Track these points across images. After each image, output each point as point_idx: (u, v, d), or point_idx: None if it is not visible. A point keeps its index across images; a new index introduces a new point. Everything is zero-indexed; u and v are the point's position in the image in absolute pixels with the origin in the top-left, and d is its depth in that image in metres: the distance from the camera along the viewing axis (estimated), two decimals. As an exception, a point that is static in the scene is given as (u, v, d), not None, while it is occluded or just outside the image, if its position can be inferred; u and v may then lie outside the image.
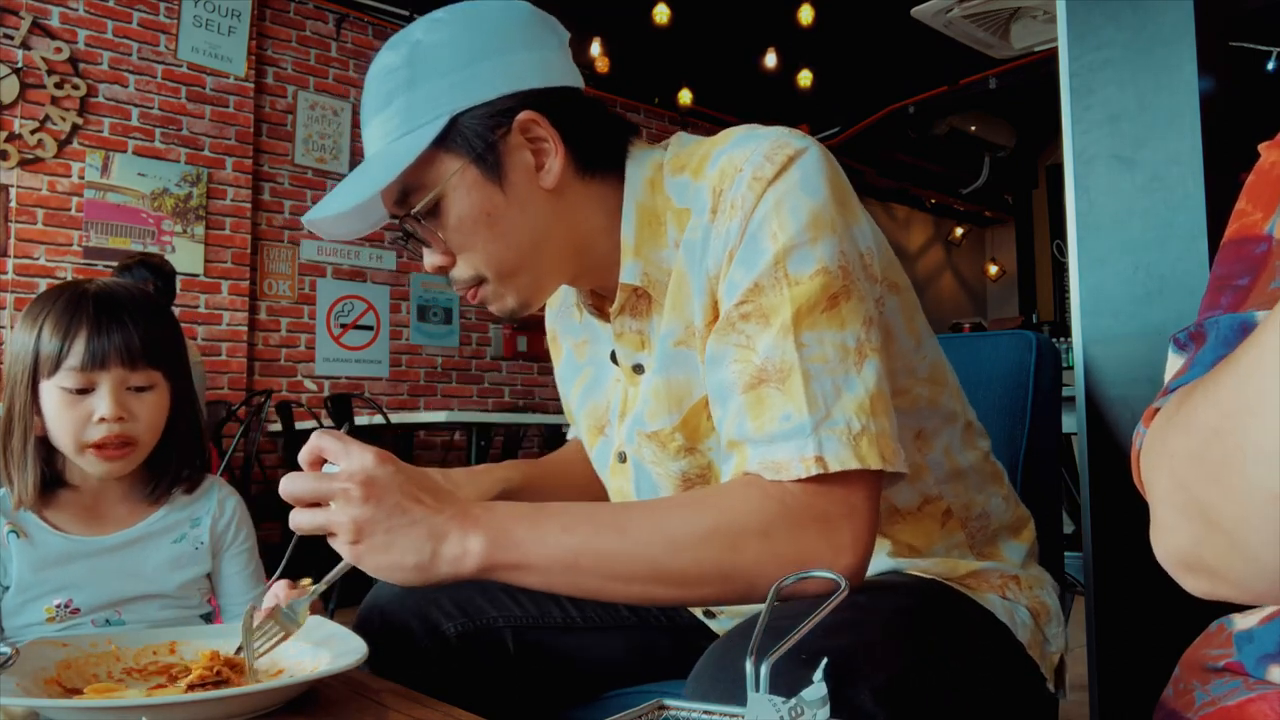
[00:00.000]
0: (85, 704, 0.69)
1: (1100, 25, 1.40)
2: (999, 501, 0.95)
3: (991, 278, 9.70)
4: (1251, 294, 0.55)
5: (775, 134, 0.82)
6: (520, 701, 1.01)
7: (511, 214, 0.85)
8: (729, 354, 0.78)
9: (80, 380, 1.05)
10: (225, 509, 1.19)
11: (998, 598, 0.88)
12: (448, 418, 4.19)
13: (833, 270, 0.76)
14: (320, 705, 0.75)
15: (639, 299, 0.89)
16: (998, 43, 3.37)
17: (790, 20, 5.17)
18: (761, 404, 0.75)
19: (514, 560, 0.73)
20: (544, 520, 0.74)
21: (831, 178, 0.80)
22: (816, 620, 0.56)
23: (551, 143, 0.85)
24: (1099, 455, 1.35)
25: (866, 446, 0.73)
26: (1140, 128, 1.35)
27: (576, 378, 1.06)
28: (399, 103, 0.83)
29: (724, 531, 0.73)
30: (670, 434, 0.87)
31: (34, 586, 1.06)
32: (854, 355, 0.75)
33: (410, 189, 0.85)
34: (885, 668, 0.67)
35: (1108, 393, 1.35)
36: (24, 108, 4.36)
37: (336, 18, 5.41)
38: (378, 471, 0.72)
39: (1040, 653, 0.88)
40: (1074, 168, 1.42)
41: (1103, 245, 1.39)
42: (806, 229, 0.76)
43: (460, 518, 0.73)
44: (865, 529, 0.75)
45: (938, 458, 0.90)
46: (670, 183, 0.88)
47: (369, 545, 0.72)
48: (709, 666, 0.67)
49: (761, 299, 0.76)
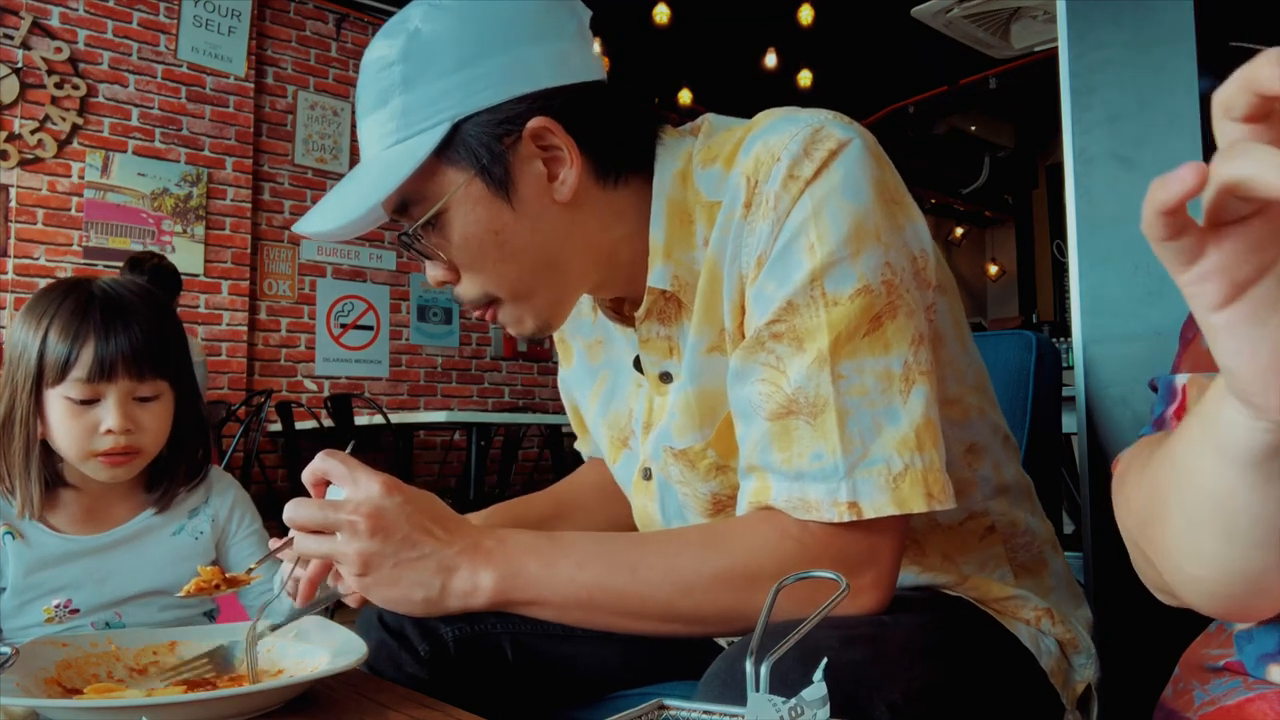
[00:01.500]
0: (85, 704, 0.69)
1: (1100, 25, 1.40)
2: (1032, 517, 0.90)
3: (991, 278, 9.70)
4: (1188, 350, 0.61)
5: (817, 120, 0.73)
6: (519, 705, 1.01)
7: (522, 231, 0.77)
8: (756, 372, 0.72)
9: (87, 392, 1.03)
10: (225, 499, 1.18)
11: (1026, 627, 0.85)
12: (448, 418, 4.19)
13: (875, 288, 0.69)
14: (320, 705, 0.75)
15: (667, 302, 0.82)
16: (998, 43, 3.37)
17: (790, 20, 5.17)
18: (789, 436, 0.70)
19: (527, 598, 0.72)
20: (557, 556, 0.72)
21: (878, 175, 0.72)
22: (816, 620, 0.56)
23: (567, 151, 0.76)
24: (1099, 455, 1.35)
25: (909, 487, 0.68)
26: (1140, 128, 1.35)
27: (593, 383, 0.98)
28: (395, 104, 0.75)
29: (739, 573, 0.70)
30: (701, 451, 0.81)
31: (31, 588, 1.05)
32: (899, 383, 0.69)
33: (410, 200, 0.77)
34: (902, 683, 0.66)
35: (1108, 393, 1.35)
36: (24, 108, 4.36)
37: (336, 18, 5.41)
38: (385, 503, 0.70)
39: (1063, 681, 0.85)
40: (1074, 168, 1.42)
41: (1103, 245, 1.39)
42: (848, 241, 0.69)
43: (471, 551, 0.71)
44: (888, 571, 0.72)
45: (986, 473, 0.85)
46: (700, 175, 0.79)
47: (376, 579, 0.70)
48: (721, 671, 0.66)
49: (795, 319, 0.70)
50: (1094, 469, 1.35)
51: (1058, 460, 1.21)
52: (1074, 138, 1.42)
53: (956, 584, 0.85)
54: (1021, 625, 0.85)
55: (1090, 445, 1.36)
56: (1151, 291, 1.33)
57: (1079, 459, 1.40)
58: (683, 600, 0.71)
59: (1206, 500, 0.47)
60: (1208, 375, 0.59)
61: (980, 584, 0.85)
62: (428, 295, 5.73)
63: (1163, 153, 1.33)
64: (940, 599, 0.84)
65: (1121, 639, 1.31)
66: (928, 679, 0.69)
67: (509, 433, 5.40)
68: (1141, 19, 1.35)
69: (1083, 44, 1.41)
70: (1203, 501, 0.47)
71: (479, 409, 5.86)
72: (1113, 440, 1.34)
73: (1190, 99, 1.30)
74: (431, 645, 0.97)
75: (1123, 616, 1.31)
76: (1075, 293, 1.41)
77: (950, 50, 4.08)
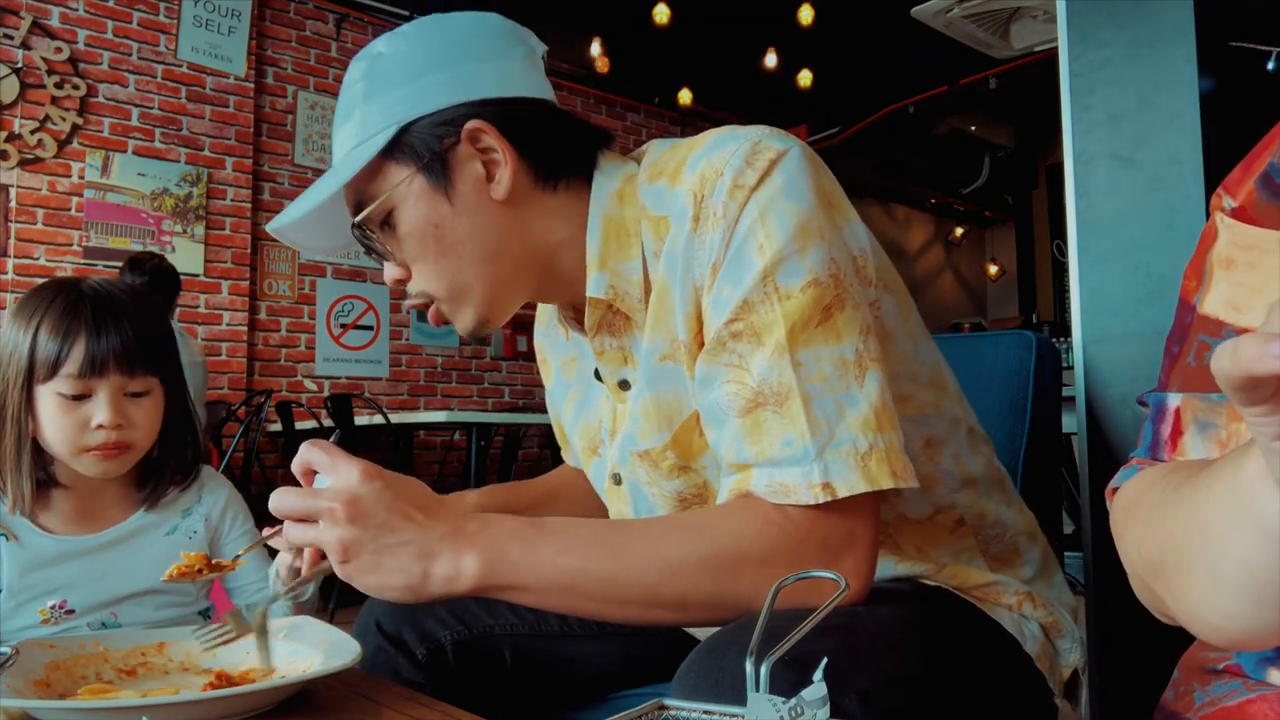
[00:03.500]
0: (83, 705, 0.69)
1: (1100, 25, 1.40)
2: (1006, 509, 0.93)
3: (991, 278, 9.70)
4: (1176, 366, 0.61)
5: (755, 135, 0.78)
6: (519, 707, 1.01)
7: (460, 225, 0.83)
8: (721, 374, 0.75)
9: (78, 387, 1.04)
10: (218, 498, 1.19)
11: (1008, 612, 0.86)
12: (448, 418, 4.19)
13: (824, 280, 0.73)
14: (318, 705, 0.75)
15: (614, 315, 0.86)
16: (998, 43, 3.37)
17: (790, 20, 5.17)
18: (759, 428, 0.73)
19: (509, 582, 0.72)
20: (540, 541, 0.72)
21: (816, 180, 0.77)
22: (817, 620, 0.55)
23: (502, 152, 0.82)
24: (1099, 455, 1.34)
25: (876, 465, 0.71)
26: (1140, 128, 1.35)
27: (566, 396, 1.04)
28: (356, 115, 0.83)
29: (724, 558, 0.71)
30: (662, 452, 0.85)
31: (26, 589, 1.06)
32: (854, 369, 0.73)
33: (363, 199, 0.84)
34: (872, 671, 0.66)
35: (1108, 393, 1.35)
36: (24, 108, 4.36)
37: (336, 18, 5.41)
38: (363, 490, 0.71)
39: (1050, 665, 0.87)
40: (1074, 168, 1.42)
41: (1103, 245, 1.38)
42: (794, 238, 0.73)
43: (453, 535, 0.71)
44: (867, 554, 0.73)
45: (948, 466, 0.88)
46: (645, 190, 0.84)
47: (357, 565, 0.70)
48: (694, 665, 0.67)
49: (752, 316, 0.74)
50: (1094, 469, 1.35)
51: (1058, 460, 1.21)
52: (1074, 138, 1.41)
53: (934, 573, 0.87)
54: (1003, 611, 0.87)
55: (1090, 445, 1.35)
56: (1151, 291, 1.32)
57: (1079, 459, 1.40)
58: (666, 585, 0.72)
59: (1241, 570, 0.46)
60: (1202, 398, 0.58)
61: (958, 572, 0.87)
62: (428, 295, 5.72)
63: (1163, 153, 1.33)
64: (920, 590, 0.86)
65: (1121, 639, 1.31)
66: (902, 668, 0.70)
67: (509, 433, 5.40)
68: (1141, 19, 1.35)
69: (1083, 44, 1.41)
70: (1237, 571, 0.46)
71: (479, 409, 5.86)
72: (1113, 440, 1.34)
73: (1190, 99, 1.30)
74: (429, 650, 0.97)
75: (1123, 617, 1.31)
76: (1075, 293, 1.41)
77: (950, 50, 4.08)
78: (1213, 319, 0.58)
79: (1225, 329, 0.57)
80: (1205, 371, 0.57)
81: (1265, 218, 0.56)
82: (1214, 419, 0.57)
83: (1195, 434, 0.58)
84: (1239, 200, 0.58)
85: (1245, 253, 0.56)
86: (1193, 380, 0.59)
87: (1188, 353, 0.60)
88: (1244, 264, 0.56)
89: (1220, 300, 0.57)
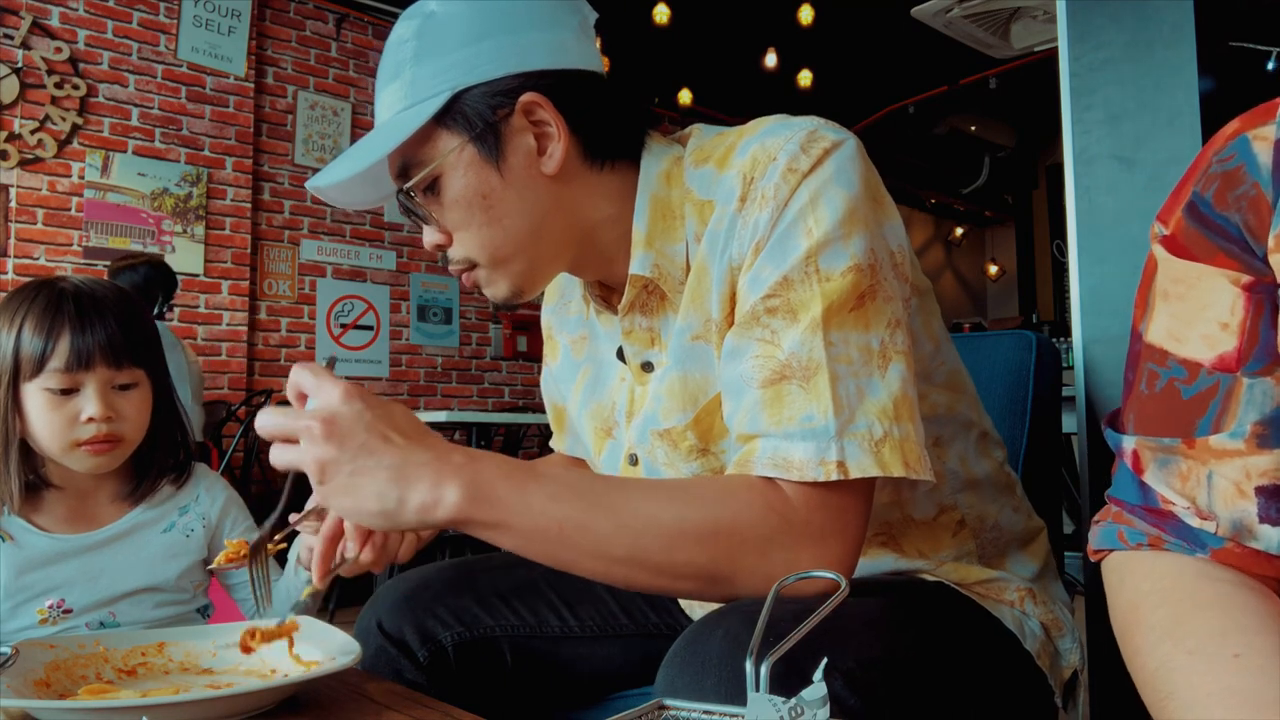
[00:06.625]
0: (83, 705, 0.69)
1: (1100, 25, 1.40)
2: (1010, 513, 0.93)
3: (991, 278, 9.70)
4: (1131, 393, 0.62)
5: (810, 124, 0.79)
6: (520, 707, 1.01)
7: (509, 197, 0.82)
8: (750, 348, 0.75)
9: (65, 381, 1.04)
10: (215, 498, 1.19)
11: (1008, 609, 0.87)
12: (448, 418, 4.18)
13: (863, 268, 0.74)
14: (318, 705, 0.75)
15: (650, 294, 0.86)
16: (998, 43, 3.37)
17: (790, 20, 5.17)
18: (781, 400, 0.72)
19: (492, 519, 0.68)
20: (530, 483, 0.69)
21: (865, 172, 0.77)
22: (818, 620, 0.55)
23: (555, 127, 0.81)
24: (1099, 455, 1.34)
25: (889, 453, 0.71)
26: (1140, 128, 1.35)
27: (575, 376, 1.01)
28: (405, 76, 0.81)
29: (723, 536, 0.70)
30: (683, 432, 0.84)
31: (23, 590, 1.06)
32: (877, 358, 0.73)
33: (410, 164, 0.83)
34: (856, 651, 0.67)
35: (1108, 393, 1.35)
36: (24, 108, 4.35)
37: (336, 18, 5.41)
38: (342, 409, 0.67)
39: (1050, 663, 0.87)
40: (1074, 168, 1.42)
41: (1103, 245, 1.38)
42: (841, 224, 0.74)
43: (436, 463, 0.68)
44: (853, 543, 0.74)
45: (954, 467, 0.88)
46: (692, 174, 0.84)
47: (333, 487, 0.67)
48: (676, 655, 0.66)
49: (790, 294, 0.74)
50: (1094, 469, 1.35)
51: (1058, 460, 1.21)
52: (1074, 138, 1.41)
53: (934, 569, 0.87)
54: (1004, 608, 0.87)
55: (1090, 445, 1.35)
56: (1152, 291, 1.32)
57: (1079, 459, 1.40)
58: (660, 550, 0.70)
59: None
60: (1153, 441, 0.60)
61: (958, 568, 0.87)
62: (428, 295, 5.73)
63: (1162, 153, 1.33)
64: (916, 583, 0.86)
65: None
66: (887, 649, 0.71)
67: (509, 433, 5.40)
68: (1141, 19, 1.35)
69: (1083, 44, 1.41)
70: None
71: (479, 409, 5.86)
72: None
73: (1190, 99, 1.30)
74: (430, 651, 0.97)
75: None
76: (1075, 293, 1.41)
77: (950, 50, 4.08)
78: (1157, 348, 0.60)
79: (1169, 358, 0.59)
80: (1156, 399, 0.60)
81: (1195, 245, 0.57)
82: (1170, 455, 0.59)
83: (1156, 470, 0.60)
84: (1169, 229, 0.59)
85: (1175, 285, 0.59)
86: (1146, 406, 0.61)
87: (1140, 380, 0.61)
88: (1175, 296, 0.59)
89: (1162, 330, 0.60)
